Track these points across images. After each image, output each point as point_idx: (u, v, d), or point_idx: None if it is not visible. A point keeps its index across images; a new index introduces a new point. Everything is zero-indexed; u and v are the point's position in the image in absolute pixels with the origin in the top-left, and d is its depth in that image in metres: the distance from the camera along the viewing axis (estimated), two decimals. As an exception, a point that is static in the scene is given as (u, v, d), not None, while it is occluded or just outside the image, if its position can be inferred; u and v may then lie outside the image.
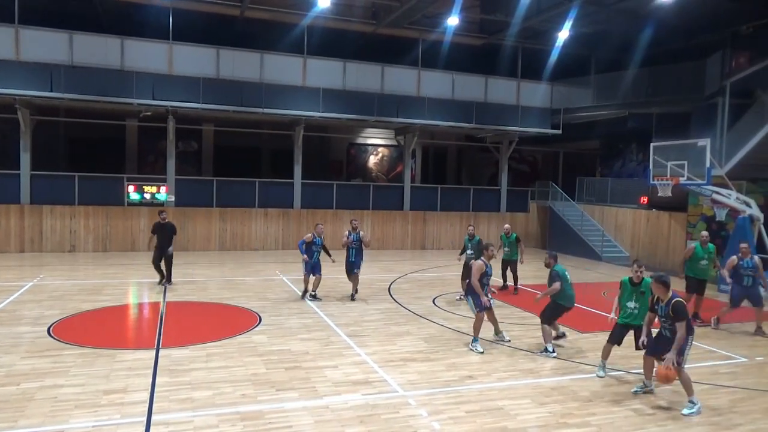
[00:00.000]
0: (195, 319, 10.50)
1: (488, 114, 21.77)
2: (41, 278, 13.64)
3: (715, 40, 19.66)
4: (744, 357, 8.95)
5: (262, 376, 7.27)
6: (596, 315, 11.61)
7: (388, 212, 22.11)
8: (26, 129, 17.69)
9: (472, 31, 22.95)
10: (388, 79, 21.01)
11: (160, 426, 5.73)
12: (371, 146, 27.70)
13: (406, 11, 19.24)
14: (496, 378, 7.53)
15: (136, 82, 17.45)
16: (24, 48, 16.93)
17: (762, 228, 14.72)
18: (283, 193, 20.81)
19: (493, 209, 23.76)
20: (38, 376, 7.00)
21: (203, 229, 19.71)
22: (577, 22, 19.44)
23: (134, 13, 19.92)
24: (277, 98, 18.99)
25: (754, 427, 6.30)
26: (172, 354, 8.03)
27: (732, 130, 17.14)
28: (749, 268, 10.14)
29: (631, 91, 21.80)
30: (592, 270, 18.30)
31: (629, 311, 7.61)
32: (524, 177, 28.82)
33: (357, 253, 12.16)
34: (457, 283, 14.72)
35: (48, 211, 18.15)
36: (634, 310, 7.57)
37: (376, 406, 6.40)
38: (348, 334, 9.39)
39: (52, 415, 5.88)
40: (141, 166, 23.37)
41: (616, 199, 23.00)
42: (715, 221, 16.75)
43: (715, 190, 14.85)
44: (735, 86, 17.44)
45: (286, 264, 16.91)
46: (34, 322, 9.52)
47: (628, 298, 7.62)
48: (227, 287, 13.26)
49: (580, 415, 6.37)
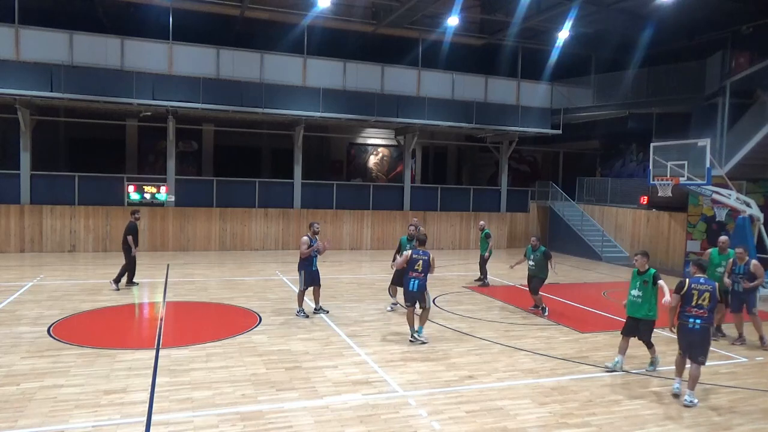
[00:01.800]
0: (195, 319, 10.50)
1: (488, 114, 21.76)
2: (41, 278, 13.64)
3: (715, 40, 19.68)
4: (744, 357, 8.95)
5: (262, 376, 7.27)
6: (596, 315, 11.62)
7: (388, 212, 22.11)
8: (26, 129, 17.69)
9: (472, 31, 22.95)
10: (388, 79, 21.01)
11: (160, 426, 5.73)
12: (371, 146, 27.70)
13: (406, 11, 19.25)
14: (496, 378, 7.53)
15: (136, 82, 17.44)
16: (24, 48, 16.93)
17: (762, 228, 14.71)
18: (283, 193, 20.81)
19: (493, 209, 23.75)
20: (38, 376, 6.99)
21: (203, 229, 19.71)
22: (577, 22, 19.46)
23: (134, 13, 19.94)
24: (277, 98, 18.98)
25: (754, 427, 6.30)
26: (172, 354, 8.03)
27: (732, 130, 17.13)
28: (740, 274, 9.66)
29: (631, 91, 21.80)
30: (592, 270, 18.29)
31: (632, 299, 7.83)
32: (524, 177, 28.81)
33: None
34: (457, 283, 14.76)
35: (48, 211, 18.15)
36: (637, 298, 7.76)
37: (376, 406, 6.40)
38: (348, 334, 9.38)
39: (52, 415, 5.88)
40: (141, 166, 23.37)
41: (616, 199, 23.00)
42: (715, 221, 16.75)
43: (715, 190, 14.83)
44: (735, 86, 17.43)
45: (286, 264, 16.91)
46: (34, 322, 9.51)
47: (632, 286, 7.86)
48: (227, 287, 13.26)
49: (580, 415, 6.37)
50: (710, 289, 6.93)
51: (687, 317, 6.97)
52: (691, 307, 6.95)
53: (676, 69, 20.79)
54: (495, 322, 10.68)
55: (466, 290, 13.77)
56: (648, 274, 7.69)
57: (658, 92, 21.09)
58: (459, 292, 13.51)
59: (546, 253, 11.27)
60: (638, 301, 7.76)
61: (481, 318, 10.94)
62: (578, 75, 23.57)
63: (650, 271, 7.72)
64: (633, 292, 7.81)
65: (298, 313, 10.49)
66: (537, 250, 11.35)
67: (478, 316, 11.04)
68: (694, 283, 7.02)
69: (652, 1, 17.82)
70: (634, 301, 7.80)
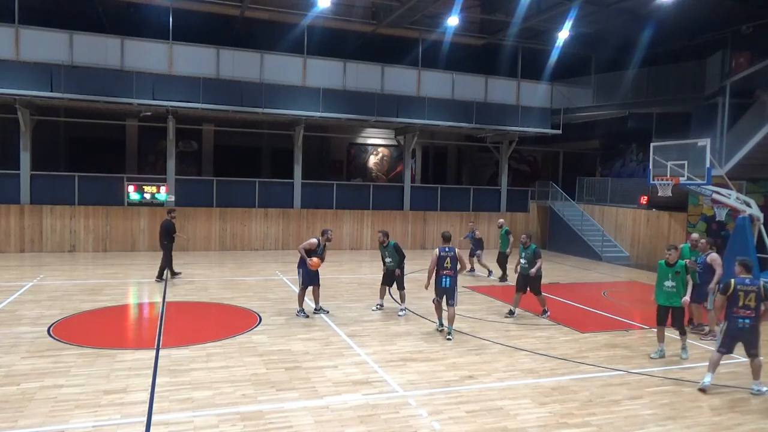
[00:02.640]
0: (195, 319, 10.50)
1: (488, 114, 21.76)
2: (41, 278, 13.64)
3: (715, 40, 19.67)
4: (744, 357, 8.93)
5: (262, 376, 7.27)
6: (596, 315, 11.62)
7: (388, 212, 22.11)
8: (26, 129, 17.69)
9: (472, 31, 22.95)
10: (388, 79, 21.02)
11: (160, 426, 5.73)
12: (371, 146, 27.71)
13: (406, 11, 19.25)
14: (496, 378, 7.53)
15: (136, 82, 17.44)
16: (24, 48, 16.94)
17: (762, 228, 14.71)
18: (283, 193, 20.81)
19: (493, 209, 23.76)
20: (38, 376, 6.99)
21: (203, 229, 19.71)
22: (577, 22, 19.46)
23: (134, 13, 19.94)
24: (277, 98, 18.98)
25: (754, 427, 6.30)
26: (172, 354, 8.03)
27: (732, 130, 17.13)
28: (700, 264, 9.85)
29: (631, 91, 21.80)
30: (592, 270, 18.29)
31: (666, 290, 8.38)
32: (524, 177, 28.81)
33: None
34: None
35: (48, 211, 18.15)
36: (671, 288, 8.34)
37: (376, 406, 6.40)
38: (348, 334, 9.38)
39: (52, 415, 5.88)
40: (141, 166, 23.38)
41: (616, 199, 23.00)
42: (715, 221, 16.75)
43: (715, 190, 14.82)
44: (735, 86, 17.42)
45: (286, 264, 16.91)
46: (34, 322, 9.51)
47: (664, 277, 8.40)
48: (227, 287, 13.26)
49: (580, 415, 6.37)
50: (756, 289, 7.03)
51: (736, 318, 7.10)
52: (738, 308, 7.05)
53: (676, 69, 20.78)
54: (495, 322, 10.68)
55: (466, 290, 13.77)
56: (679, 266, 8.35)
57: (658, 92, 21.09)
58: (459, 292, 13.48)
59: (536, 251, 11.04)
60: (672, 291, 8.34)
61: (481, 318, 10.94)
62: (578, 75, 23.57)
63: (680, 263, 8.38)
64: (666, 284, 8.38)
65: (298, 313, 10.48)
66: (528, 248, 11.14)
67: (478, 316, 11.04)
68: (740, 284, 7.08)
69: (652, 1, 17.82)
70: (669, 291, 8.36)
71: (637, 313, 11.54)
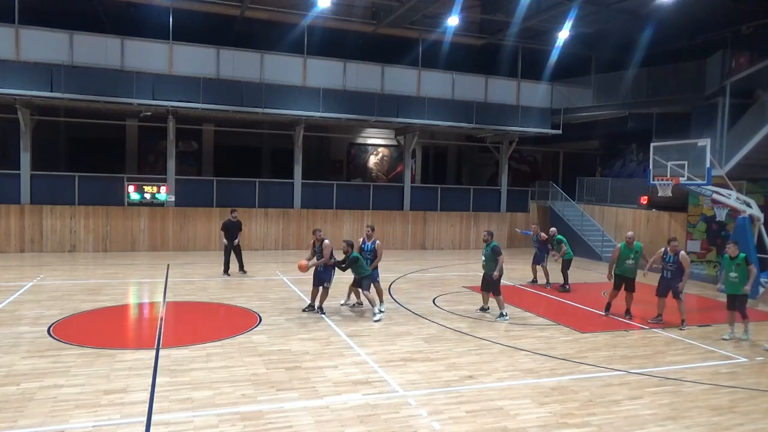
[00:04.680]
0: (195, 319, 10.50)
1: (488, 114, 21.75)
2: (41, 278, 13.64)
3: (715, 40, 19.67)
4: (744, 357, 8.95)
5: (262, 376, 7.27)
6: (596, 315, 11.62)
7: (388, 212, 22.10)
8: (26, 129, 17.69)
9: (472, 31, 22.95)
10: (388, 79, 21.01)
11: (160, 426, 5.73)
12: (371, 146, 27.70)
13: (406, 11, 19.25)
14: (496, 378, 7.53)
15: (136, 82, 17.43)
16: (24, 48, 16.93)
17: (762, 228, 14.72)
18: (283, 193, 20.80)
19: (493, 209, 23.75)
20: (38, 376, 6.99)
21: (203, 229, 19.70)
22: (577, 22, 19.45)
23: (134, 13, 19.93)
24: (277, 98, 18.97)
25: (754, 427, 6.30)
26: (172, 354, 8.03)
27: (732, 130, 17.12)
28: (669, 263, 10.70)
29: (631, 91, 21.79)
30: (592, 270, 18.29)
31: (731, 280, 9.68)
32: (524, 177, 28.81)
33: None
34: (457, 283, 14.76)
35: (48, 211, 18.15)
36: (735, 279, 9.62)
37: (376, 406, 6.40)
38: (348, 334, 9.38)
39: (52, 415, 5.88)
40: (141, 166, 23.37)
41: (616, 199, 23.00)
42: (715, 221, 16.75)
43: (715, 190, 14.84)
44: (735, 86, 17.41)
45: (286, 264, 16.91)
46: (34, 322, 9.51)
47: (728, 270, 9.74)
48: (227, 287, 13.26)
49: (580, 415, 6.37)
50: None
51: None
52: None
53: (676, 69, 20.77)
54: (495, 322, 10.67)
55: (466, 290, 13.78)
56: (740, 258, 9.56)
57: (658, 92, 21.08)
58: (459, 292, 13.52)
59: (495, 248, 10.69)
60: (736, 281, 9.58)
61: (481, 318, 10.94)
62: (578, 75, 23.56)
63: (741, 255, 9.60)
64: (731, 275, 9.68)
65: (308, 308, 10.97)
66: (488, 246, 10.73)
67: (478, 316, 11.04)
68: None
69: (652, 1, 17.82)
70: (734, 281, 9.62)
71: (637, 313, 11.53)
